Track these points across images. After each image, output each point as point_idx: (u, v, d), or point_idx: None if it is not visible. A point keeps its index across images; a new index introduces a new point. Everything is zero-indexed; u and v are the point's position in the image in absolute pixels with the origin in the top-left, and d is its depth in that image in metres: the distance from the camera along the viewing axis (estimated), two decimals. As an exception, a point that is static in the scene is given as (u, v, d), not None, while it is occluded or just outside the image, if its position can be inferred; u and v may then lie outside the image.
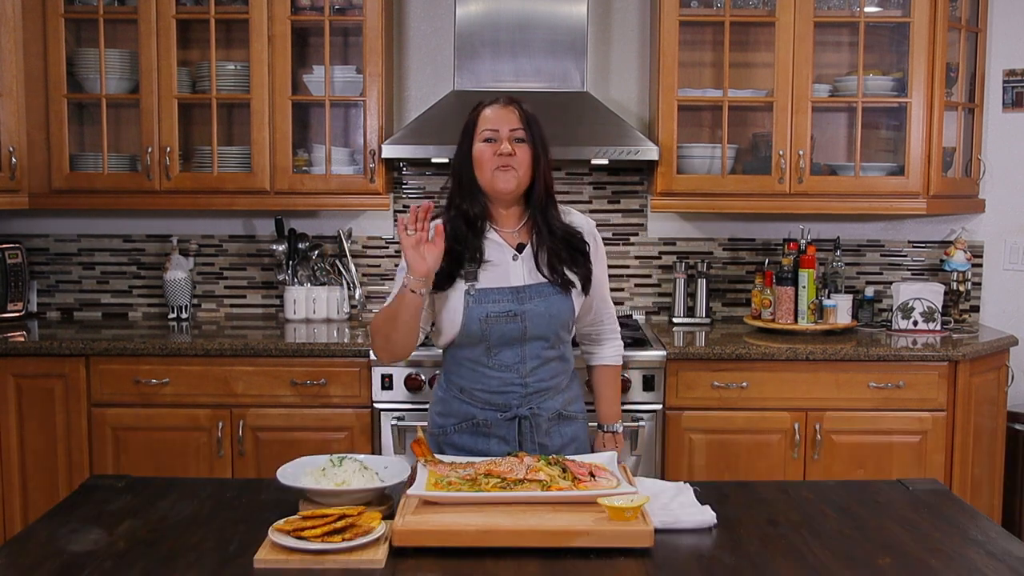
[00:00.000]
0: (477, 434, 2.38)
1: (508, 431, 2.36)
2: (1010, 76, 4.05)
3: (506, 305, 2.30)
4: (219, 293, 4.14)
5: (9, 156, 3.60)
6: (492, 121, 2.30)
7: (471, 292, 2.30)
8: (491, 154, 2.28)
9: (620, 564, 1.75)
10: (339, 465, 1.99)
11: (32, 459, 3.50)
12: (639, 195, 4.10)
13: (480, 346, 2.32)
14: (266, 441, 3.46)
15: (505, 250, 2.35)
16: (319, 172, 3.77)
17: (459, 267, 2.30)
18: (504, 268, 2.34)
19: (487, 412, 2.36)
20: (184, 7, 3.73)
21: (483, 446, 2.37)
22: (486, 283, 2.32)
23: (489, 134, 2.30)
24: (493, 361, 2.34)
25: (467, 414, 2.38)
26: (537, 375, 2.36)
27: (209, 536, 1.89)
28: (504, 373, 2.34)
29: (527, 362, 2.35)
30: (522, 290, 2.32)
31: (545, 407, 2.38)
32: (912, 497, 2.16)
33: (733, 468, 3.45)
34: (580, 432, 2.48)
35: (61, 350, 3.47)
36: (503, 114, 2.30)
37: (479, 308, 2.30)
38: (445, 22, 3.99)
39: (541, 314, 2.32)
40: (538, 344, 2.34)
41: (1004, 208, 4.09)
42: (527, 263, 2.35)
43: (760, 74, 3.92)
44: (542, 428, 2.38)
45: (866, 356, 3.44)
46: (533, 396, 2.36)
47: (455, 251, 2.29)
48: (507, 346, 2.33)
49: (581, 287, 2.37)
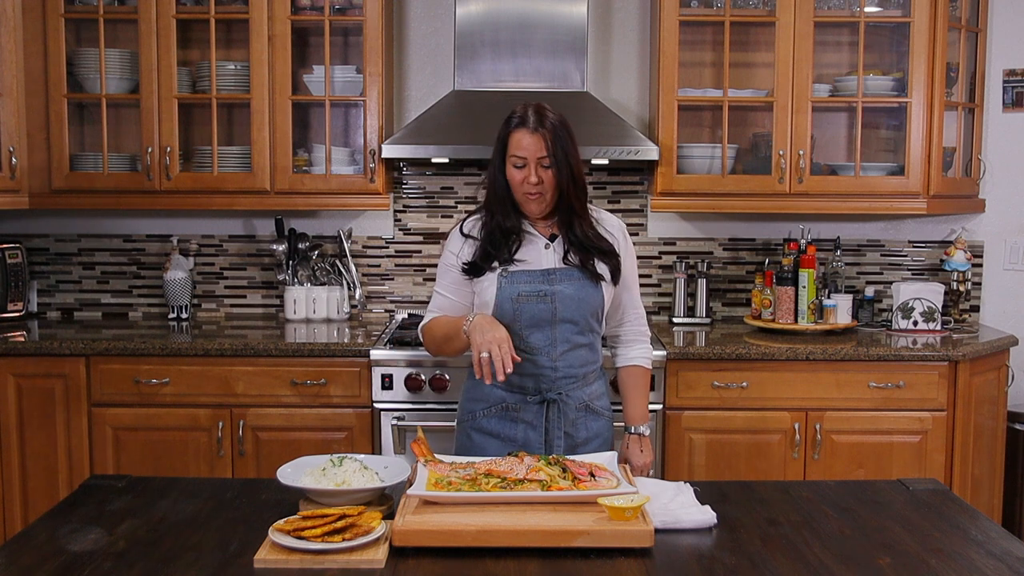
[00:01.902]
0: (506, 419, 2.45)
1: (536, 416, 2.43)
2: (1010, 76, 4.05)
3: (536, 286, 2.41)
4: (219, 293, 4.14)
5: (9, 156, 3.60)
6: (521, 149, 2.38)
7: (504, 275, 2.43)
8: (520, 180, 2.40)
9: (620, 564, 1.75)
10: (339, 465, 1.99)
11: (32, 459, 3.50)
12: (639, 195, 4.10)
13: (511, 329, 2.38)
14: (266, 441, 3.46)
15: (538, 239, 2.47)
16: (319, 172, 3.77)
17: (493, 260, 2.44)
18: (537, 255, 2.45)
19: (516, 396, 2.44)
20: (184, 7, 3.73)
21: (511, 431, 2.44)
22: (518, 266, 2.44)
23: (519, 161, 2.39)
24: (524, 343, 2.41)
25: (497, 398, 2.46)
26: (566, 360, 2.44)
27: (209, 536, 1.89)
28: (535, 356, 2.42)
29: (557, 346, 2.43)
30: (552, 272, 2.43)
31: (573, 395, 2.46)
32: (912, 497, 2.16)
33: (733, 468, 3.45)
34: (605, 430, 2.53)
35: (61, 350, 3.47)
36: (532, 142, 2.37)
37: (511, 288, 2.41)
38: (445, 22, 3.99)
39: (571, 296, 2.42)
40: (568, 327, 2.42)
41: (1004, 208, 4.09)
42: (558, 252, 2.46)
43: (760, 74, 3.92)
44: (569, 417, 2.45)
45: (866, 356, 3.44)
46: (562, 381, 2.44)
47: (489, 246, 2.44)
48: (537, 328, 2.41)
49: (611, 278, 2.47)
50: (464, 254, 2.46)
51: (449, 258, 2.50)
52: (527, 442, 2.42)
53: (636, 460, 2.55)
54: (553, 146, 2.36)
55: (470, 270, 2.45)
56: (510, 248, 2.43)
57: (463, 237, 2.48)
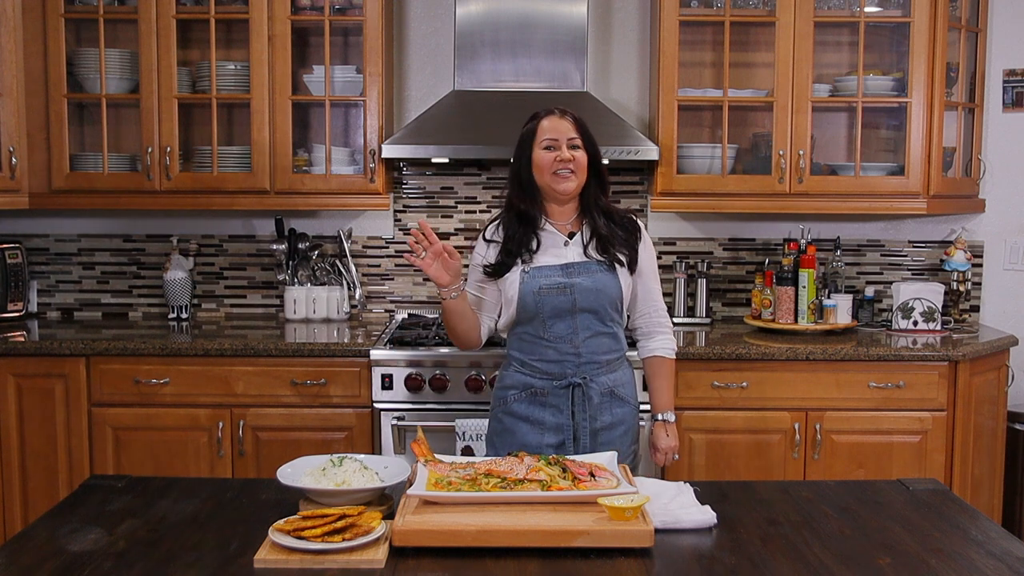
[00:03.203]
0: (534, 403, 2.61)
1: (563, 400, 2.58)
2: (1010, 76, 4.05)
3: (556, 279, 2.57)
4: (219, 293, 4.14)
5: (9, 156, 3.60)
6: (551, 131, 2.58)
7: (526, 271, 2.59)
8: (551, 160, 2.56)
9: (620, 564, 1.76)
10: (339, 465, 1.99)
11: (32, 459, 3.50)
12: (639, 195, 4.10)
13: (536, 320, 2.58)
14: (266, 441, 3.46)
15: (558, 238, 2.64)
16: (319, 172, 3.77)
17: (515, 258, 2.60)
18: (557, 251, 2.62)
19: (544, 381, 2.60)
20: (184, 7, 3.73)
21: (539, 415, 2.60)
22: (539, 263, 2.60)
23: (549, 143, 2.57)
24: (549, 333, 2.58)
25: (526, 384, 2.63)
26: (589, 346, 2.59)
27: (209, 536, 1.89)
28: (559, 344, 2.58)
29: (579, 333, 2.58)
30: (570, 266, 2.59)
31: (598, 380, 2.60)
32: (912, 497, 2.16)
33: (733, 468, 3.45)
34: (629, 416, 2.67)
35: (61, 350, 3.47)
36: (560, 124, 2.59)
37: (533, 282, 2.57)
38: (445, 22, 3.99)
39: (588, 288, 2.57)
40: (588, 316, 2.58)
41: (1004, 208, 4.09)
42: (577, 247, 2.62)
43: (760, 74, 3.92)
44: (594, 401, 2.59)
45: (866, 356, 3.44)
46: (586, 366, 2.59)
47: (510, 246, 2.61)
48: (559, 318, 2.57)
49: (628, 265, 2.63)
50: (489, 257, 2.65)
51: (476, 259, 2.69)
52: (555, 425, 2.58)
53: (661, 444, 2.71)
54: (581, 129, 2.59)
55: (494, 272, 2.62)
56: (531, 248, 2.59)
57: (486, 243, 2.67)
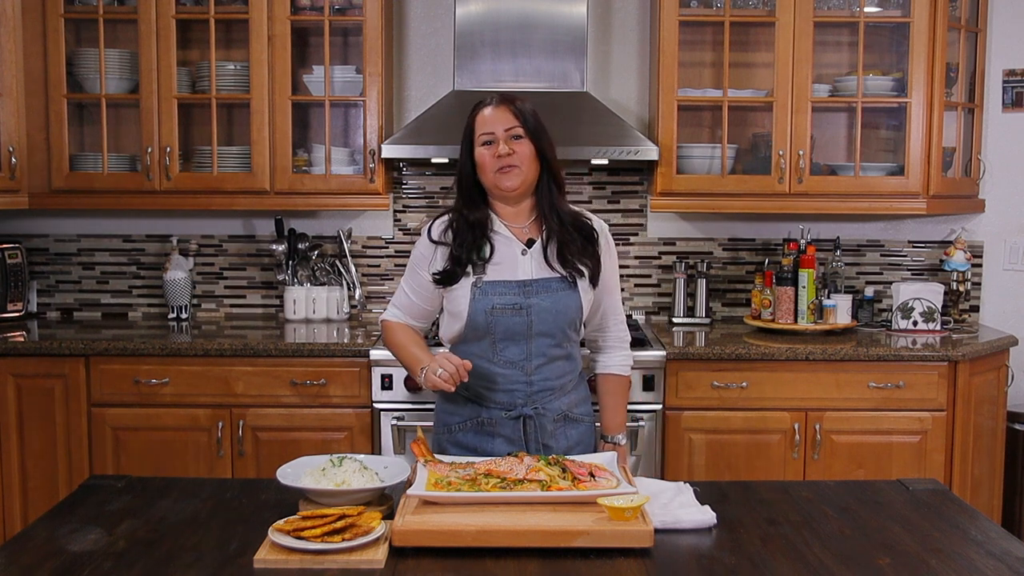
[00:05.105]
0: (482, 433, 2.37)
1: (513, 431, 2.36)
2: (1010, 76, 4.05)
3: (512, 298, 2.31)
4: (219, 293, 4.14)
5: (9, 156, 3.60)
6: (488, 124, 2.32)
7: (478, 284, 2.32)
8: (491, 156, 2.31)
9: (620, 564, 1.75)
10: (339, 465, 1.98)
11: (32, 459, 3.50)
12: (639, 195, 4.10)
13: (485, 340, 2.33)
14: (266, 441, 3.46)
15: (514, 244, 2.36)
16: (319, 172, 3.77)
17: (463, 268, 2.33)
18: (512, 262, 2.35)
19: (492, 411, 2.36)
20: (184, 7, 3.73)
21: (488, 446, 2.36)
22: (493, 276, 2.33)
23: (486, 137, 2.32)
24: (499, 357, 2.34)
25: (472, 412, 2.38)
26: (542, 373, 2.36)
27: (209, 536, 1.89)
28: (509, 370, 2.34)
29: (532, 359, 2.34)
30: (529, 284, 2.32)
31: (551, 407, 2.37)
32: (912, 497, 2.16)
33: (733, 468, 3.45)
34: (586, 435, 2.46)
35: (61, 350, 3.47)
36: (497, 115, 2.32)
37: (485, 300, 2.31)
38: (445, 22, 3.99)
39: (547, 309, 2.32)
40: (544, 341, 2.34)
41: (1004, 208, 4.09)
42: (536, 258, 2.36)
43: (760, 74, 3.92)
44: (547, 429, 2.37)
45: (866, 356, 3.44)
46: (538, 395, 2.36)
47: (458, 254, 2.33)
48: (512, 341, 2.33)
49: (590, 278, 2.37)
50: (436, 263, 2.37)
51: (418, 260, 2.40)
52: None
53: None
54: (522, 116, 2.31)
55: (443, 280, 2.35)
56: (483, 256, 2.33)
57: (433, 244, 2.38)
